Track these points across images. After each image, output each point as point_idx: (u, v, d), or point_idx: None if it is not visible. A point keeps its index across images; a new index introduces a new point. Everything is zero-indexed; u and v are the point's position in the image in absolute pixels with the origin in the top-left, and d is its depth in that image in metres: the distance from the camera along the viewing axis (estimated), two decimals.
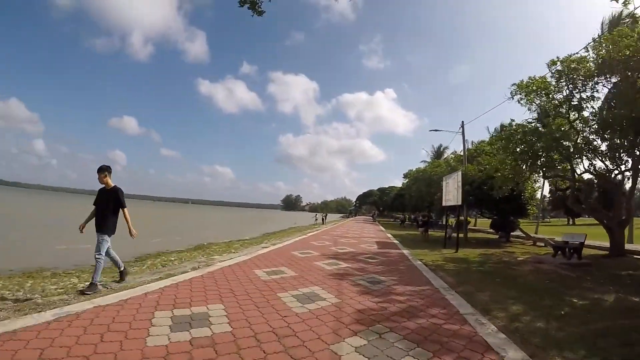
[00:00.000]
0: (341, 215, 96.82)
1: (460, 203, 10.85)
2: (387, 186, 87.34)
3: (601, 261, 8.92)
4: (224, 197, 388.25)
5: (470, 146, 31.23)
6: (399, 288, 5.26)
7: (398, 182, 79.28)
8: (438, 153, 43.50)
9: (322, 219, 35.86)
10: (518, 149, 9.54)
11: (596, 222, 10.65)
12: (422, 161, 46.91)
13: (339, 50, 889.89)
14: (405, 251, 10.49)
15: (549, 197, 42.37)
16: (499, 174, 10.64)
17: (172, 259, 8.76)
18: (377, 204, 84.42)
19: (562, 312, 4.23)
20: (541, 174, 10.57)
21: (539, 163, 9.58)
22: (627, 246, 10.76)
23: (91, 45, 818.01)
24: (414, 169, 37.60)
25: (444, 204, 13.11)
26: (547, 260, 8.72)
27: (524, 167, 9.93)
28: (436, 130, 17.85)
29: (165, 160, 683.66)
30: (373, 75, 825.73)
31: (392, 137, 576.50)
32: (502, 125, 27.05)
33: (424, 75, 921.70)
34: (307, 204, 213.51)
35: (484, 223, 34.20)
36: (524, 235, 15.47)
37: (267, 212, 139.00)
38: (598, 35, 10.50)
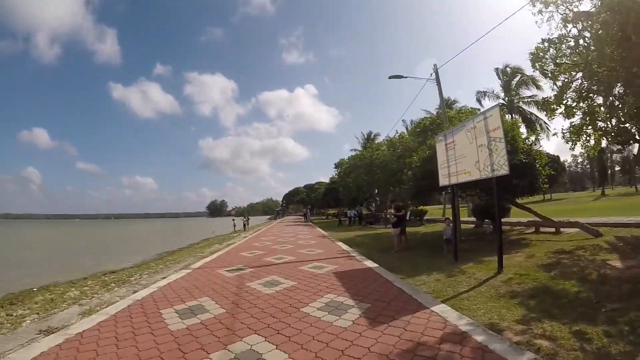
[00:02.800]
0: (268, 217, 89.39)
1: (507, 171, 5.57)
2: (313, 182, 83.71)
3: None
4: (148, 209, 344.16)
5: (395, 135, 28.12)
6: None
7: (324, 178, 76.30)
8: (369, 141, 40.52)
9: (244, 225, 28.87)
10: None
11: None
12: (351, 149, 43.40)
13: (258, 45, 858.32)
14: (437, 307, 4.01)
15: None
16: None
17: None
18: (305, 201, 79.82)
19: None
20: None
21: None
22: None
23: None
24: (346, 158, 33.46)
25: (444, 181, 7.58)
26: None
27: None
28: (398, 77, 12.57)
29: (83, 175, 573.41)
30: (293, 71, 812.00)
31: (315, 134, 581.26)
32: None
33: (346, 69, 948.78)
34: (233, 209, 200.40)
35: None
36: (536, 220, 10.64)
37: (190, 220, 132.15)
38: None
